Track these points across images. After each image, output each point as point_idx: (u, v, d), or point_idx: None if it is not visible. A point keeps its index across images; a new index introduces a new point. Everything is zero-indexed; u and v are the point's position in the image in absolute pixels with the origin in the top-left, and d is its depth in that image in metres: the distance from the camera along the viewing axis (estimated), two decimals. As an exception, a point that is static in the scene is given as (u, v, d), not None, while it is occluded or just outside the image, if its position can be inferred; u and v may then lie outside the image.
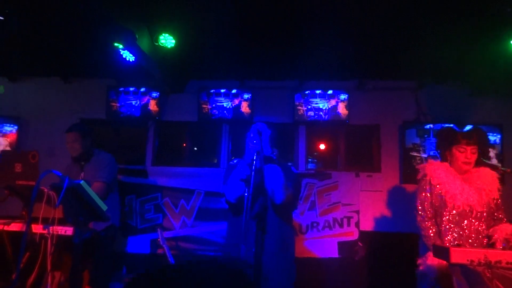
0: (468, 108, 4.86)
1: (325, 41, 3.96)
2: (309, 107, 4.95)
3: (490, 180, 2.86)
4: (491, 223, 2.85)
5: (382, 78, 5.02)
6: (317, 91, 4.95)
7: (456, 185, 2.84)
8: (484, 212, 2.80)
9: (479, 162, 2.94)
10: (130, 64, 4.11)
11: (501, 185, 2.92)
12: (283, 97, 5.11)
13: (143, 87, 5.07)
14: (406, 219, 4.03)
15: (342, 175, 4.88)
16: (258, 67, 4.89)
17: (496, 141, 4.73)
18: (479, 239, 2.77)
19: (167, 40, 3.94)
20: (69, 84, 5.31)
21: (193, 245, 4.77)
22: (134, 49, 3.81)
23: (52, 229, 2.80)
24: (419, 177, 3.05)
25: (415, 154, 4.80)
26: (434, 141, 4.24)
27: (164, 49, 3.98)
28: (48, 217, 2.87)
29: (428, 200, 2.91)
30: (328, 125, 5.02)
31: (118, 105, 5.08)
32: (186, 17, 3.80)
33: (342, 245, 4.70)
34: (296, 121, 5.01)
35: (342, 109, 4.92)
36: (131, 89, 5.08)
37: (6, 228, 3.01)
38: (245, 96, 5.02)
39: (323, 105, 4.94)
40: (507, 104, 4.83)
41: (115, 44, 3.95)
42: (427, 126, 4.82)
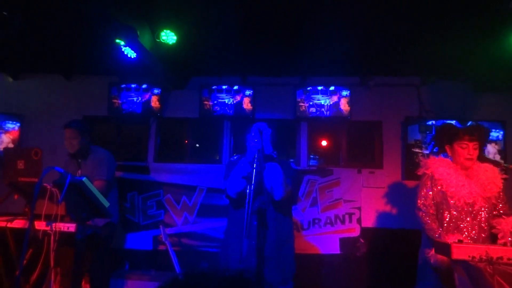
0: (471, 105, 4.84)
1: (327, 37, 3.95)
2: (311, 103, 4.94)
3: (492, 175, 2.85)
4: (494, 218, 2.84)
5: (385, 74, 5.01)
6: (319, 87, 4.94)
7: (458, 181, 2.83)
8: (486, 207, 2.79)
9: (481, 158, 2.93)
10: (132, 60, 4.11)
11: (504, 181, 2.92)
12: (285, 93, 5.11)
13: (145, 83, 5.06)
14: (408, 215, 4.03)
15: (344, 171, 4.88)
16: (260, 64, 4.88)
17: (499, 137, 4.71)
18: (481, 235, 2.77)
19: (168, 37, 3.94)
20: (71, 81, 5.32)
21: (196, 241, 4.78)
22: (135, 45, 3.81)
23: (55, 226, 2.83)
24: (420, 173, 3.05)
25: (417, 150, 4.79)
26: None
27: (165, 45, 3.97)
28: (51, 213, 2.89)
29: (430, 196, 2.90)
30: (330, 121, 5.01)
31: (120, 101, 5.08)
32: (188, 13, 3.79)
33: (344, 241, 4.71)
34: (298, 118, 5.00)
35: (344, 105, 4.90)
36: (132, 85, 5.08)
37: (9, 225, 3.04)
38: (247, 92, 5.01)
39: (325, 101, 4.92)
40: (510, 100, 4.81)
41: (117, 41, 3.95)
42: (429, 122, 4.81)
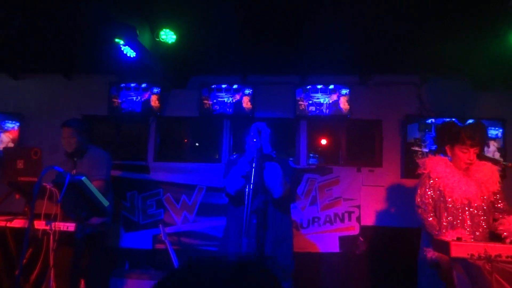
0: (471, 103, 4.84)
1: (327, 36, 3.95)
2: (310, 102, 4.93)
3: (490, 173, 2.86)
4: (493, 216, 2.84)
5: (384, 73, 5.01)
6: (319, 86, 4.94)
7: (455, 179, 2.83)
8: (483, 205, 2.80)
9: (480, 157, 2.93)
10: (131, 60, 4.12)
11: (502, 179, 2.92)
12: (284, 92, 5.10)
13: (145, 83, 5.06)
14: (407, 213, 4.04)
15: (343, 170, 4.88)
16: (259, 62, 4.87)
17: (498, 135, 4.71)
18: (478, 233, 2.77)
19: (168, 36, 3.94)
20: (70, 80, 5.32)
21: (195, 240, 4.79)
22: (135, 45, 3.82)
23: (55, 225, 2.83)
24: (419, 172, 3.05)
25: (416, 148, 4.78)
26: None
27: (165, 44, 3.98)
28: (50, 213, 2.90)
29: (428, 195, 2.91)
30: (329, 120, 5.01)
31: (119, 101, 5.08)
32: (187, 12, 3.79)
33: (343, 240, 4.71)
34: (297, 116, 5.00)
35: (344, 104, 4.90)
36: (132, 85, 5.08)
37: (9, 224, 3.04)
38: (247, 91, 5.00)
39: (324, 100, 4.92)
40: (509, 98, 4.80)
41: (116, 40, 3.96)
42: (429, 120, 4.81)
